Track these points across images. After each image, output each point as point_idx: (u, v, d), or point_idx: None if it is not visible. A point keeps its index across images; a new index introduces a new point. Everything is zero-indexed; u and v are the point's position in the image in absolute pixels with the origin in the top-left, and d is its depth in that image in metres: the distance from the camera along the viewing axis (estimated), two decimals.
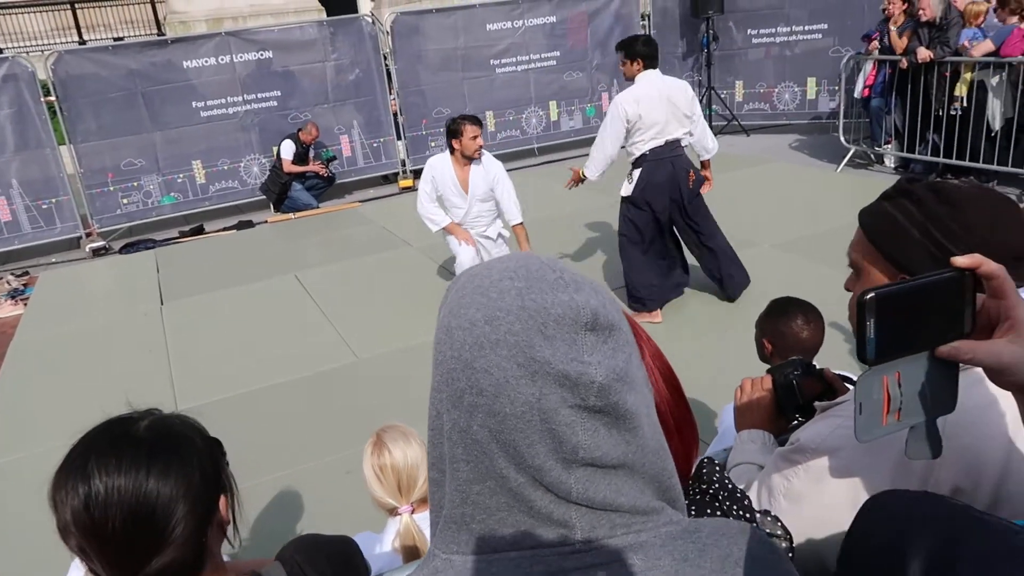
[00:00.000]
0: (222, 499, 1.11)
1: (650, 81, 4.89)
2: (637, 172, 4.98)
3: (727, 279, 5.20)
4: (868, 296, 0.77)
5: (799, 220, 6.57)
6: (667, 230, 5.20)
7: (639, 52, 4.91)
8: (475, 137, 5.24)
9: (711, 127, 10.40)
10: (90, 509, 0.99)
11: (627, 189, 5.07)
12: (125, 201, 8.81)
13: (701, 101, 10.49)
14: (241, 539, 1.27)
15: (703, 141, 5.23)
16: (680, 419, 0.86)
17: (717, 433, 2.59)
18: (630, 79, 4.99)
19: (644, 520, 0.66)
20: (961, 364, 0.83)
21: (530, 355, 0.61)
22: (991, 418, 1.05)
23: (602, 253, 6.59)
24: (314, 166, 9.14)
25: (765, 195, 7.70)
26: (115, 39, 15.34)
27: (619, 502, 0.64)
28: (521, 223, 5.52)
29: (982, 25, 7.17)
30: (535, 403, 0.61)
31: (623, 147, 5.02)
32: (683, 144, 5.03)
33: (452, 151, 5.37)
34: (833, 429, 1.14)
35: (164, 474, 1.02)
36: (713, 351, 4.48)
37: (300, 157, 9.04)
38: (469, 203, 5.46)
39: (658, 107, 4.83)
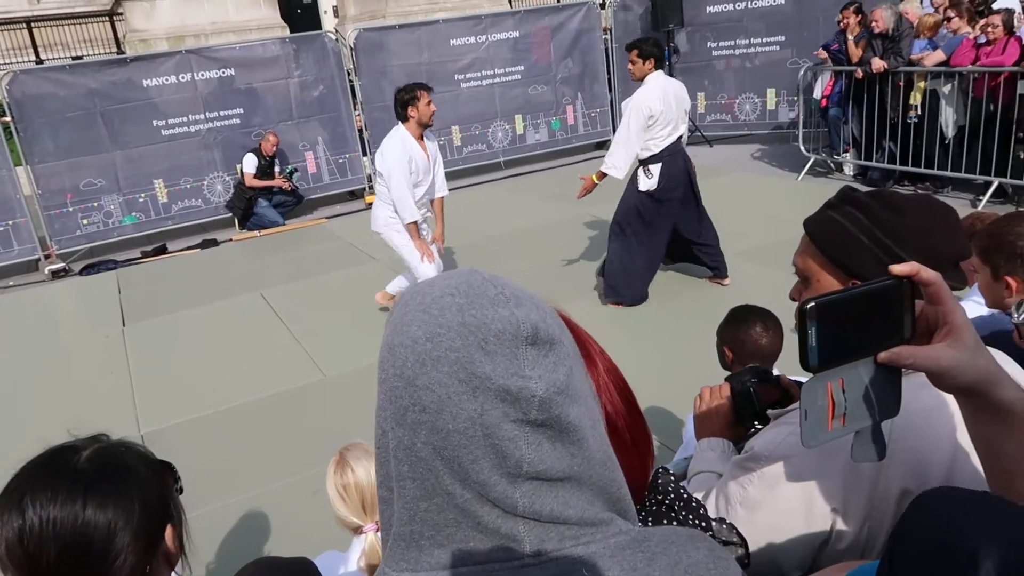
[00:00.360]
0: (168, 529, 1.08)
1: (661, 81, 5.16)
2: (657, 167, 5.23)
3: (721, 264, 5.65)
4: (809, 305, 0.79)
5: (761, 228, 6.67)
6: (676, 222, 5.48)
7: (652, 52, 5.17)
8: (430, 103, 5.17)
9: None
10: (24, 542, 0.97)
11: (649, 184, 5.27)
12: (85, 222, 8.65)
13: None
14: (191, 569, 1.25)
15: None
16: (635, 432, 0.86)
17: (683, 442, 2.61)
18: (640, 79, 5.23)
19: (593, 531, 0.66)
20: (904, 369, 0.85)
21: (471, 371, 0.62)
22: (937, 421, 1.07)
23: (570, 263, 6.62)
24: (277, 180, 9.07)
25: (728, 204, 7.79)
26: (73, 58, 15.12)
27: (567, 515, 0.65)
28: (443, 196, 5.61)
29: (934, 37, 7.37)
30: (477, 419, 0.61)
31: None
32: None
33: (406, 121, 5.15)
34: (785, 436, 1.15)
35: (102, 505, 0.99)
36: (684, 359, 4.51)
37: (263, 171, 8.98)
38: (432, 177, 5.37)
39: (672, 105, 5.11)
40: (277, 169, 9.16)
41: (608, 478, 0.68)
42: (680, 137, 5.29)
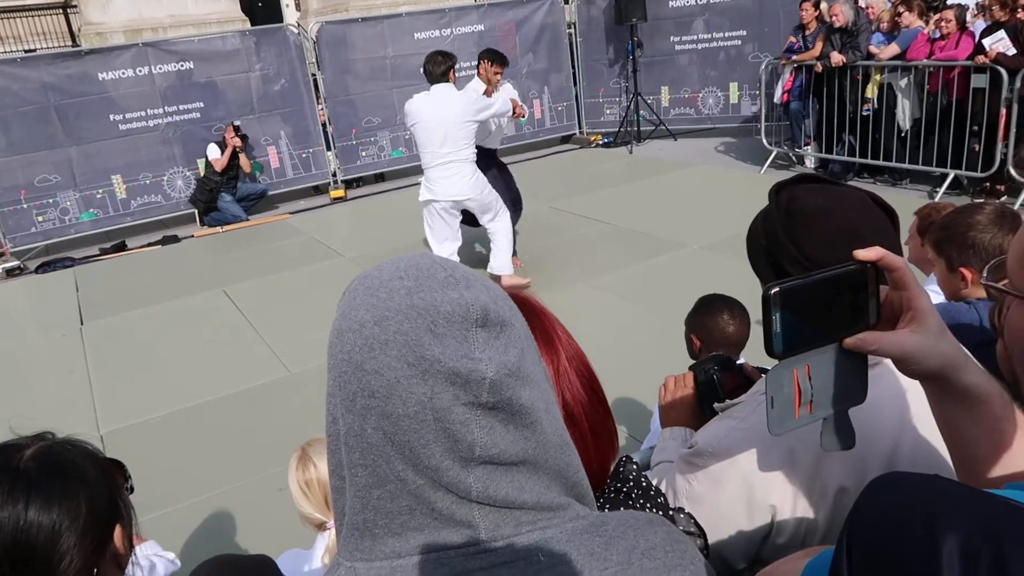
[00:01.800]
0: (118, 529, 1.05)
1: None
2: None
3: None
4: (773, 291, 0.78)
5: (726, 221, 6.73)
6: None
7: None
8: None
9: (639, 132, 10.62)
10: None
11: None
12: (40, 219, 8.43)
13: (628, 107, 10.71)
14: (143, 570, 1.22)
15: None
16: (596, 423, 0.86)
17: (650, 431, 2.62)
18: (490, 82, 6.06)
19: (550, 516, 0.66)
20: (870, 355, 0.86)
21: (420, 354, 0.61)
22: (877, 417, 1.08)
23: (538, 254, 6.62)
24: (231, 142, 8.75)
25: (693, 197, 7.88)
26: (26, 51, 14.71)
27: (522, 499, 0.64)
28: None
29: (892, 31, 7.49)
30: (427, 402, 0.60)
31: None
32: None
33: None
34: (728, 431, 1.17)
35: (46, 506, 0.96)
36: (654, 349, 4.54)
37: (225, 161, 8.83)
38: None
39: None
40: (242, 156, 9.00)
41: (564, 462, 0.68)
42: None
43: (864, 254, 0.82)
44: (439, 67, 5.44)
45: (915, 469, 1.05)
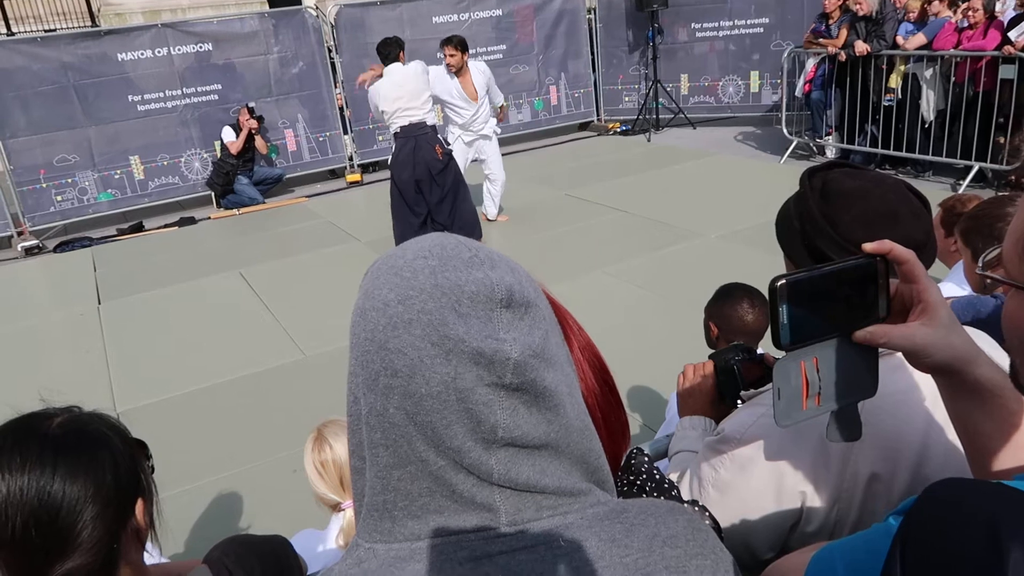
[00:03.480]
0: (139, 503, 1.06)
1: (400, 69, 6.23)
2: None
3: None
4: (779, 282, 0.77)
5: (744, 211, 6.68)
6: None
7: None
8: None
9: (658, 120, 10.54)
10: None
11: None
12: (59, 198, 8.50)
13: (647, 94, 10.63)
14: (161, 547, 1.22)
15: None
16: (608, 413, 0.85)
17: (665, 420, 2.61)
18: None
19: (571, 501, 0.65)
20: (881, 349, 0.84)
21: (444, 333, 0.60)
22: (909, 404, 1.07)
23: (552, 242, 6.60)
24: (247, 124, 8.74)
25: (711, 187, 7.82)
26: (46, 31, 14.78)
27: (544, 483, 0.63)
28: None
29: (920, 20, 7.36)
30: (451, 382, 0.59)
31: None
32: None
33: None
34: (756, 418, 1.15)
35: (72, 475, 0.96)
36: (669, 339, 4.52)
37: (240, 144, 8.85)
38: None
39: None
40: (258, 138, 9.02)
41: (586, 447, 0.67)
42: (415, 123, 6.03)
43: (873, 246, 0.81)
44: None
45: (946, 456, 1.04)
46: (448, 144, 6.49)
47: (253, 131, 8.87)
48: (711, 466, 1.18)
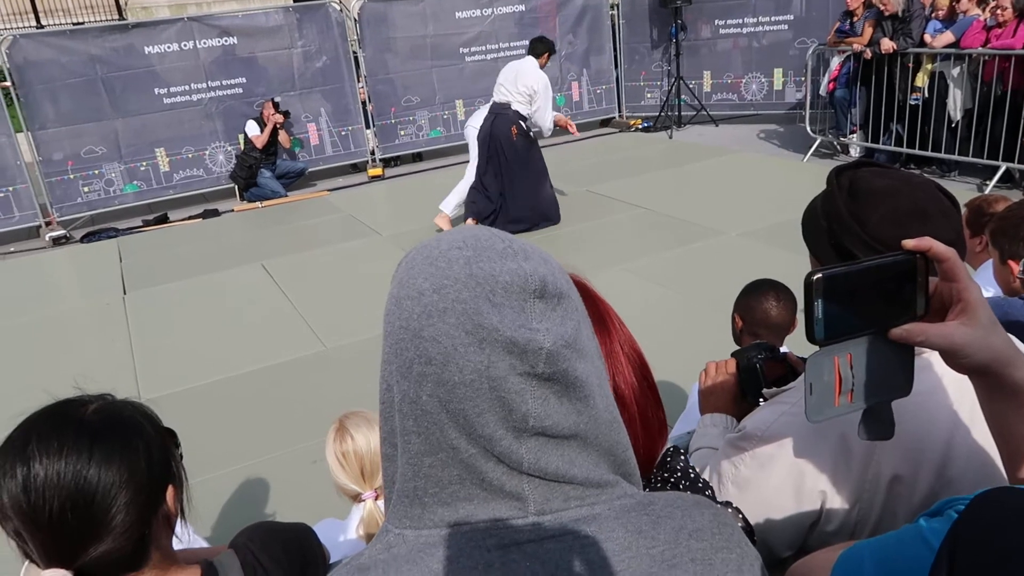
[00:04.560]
0: (170, 489, 1.08)
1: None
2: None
3: (524, 218, 6.89)
4: (816, 276, 0.77)
5: (767, 208, 6.64)
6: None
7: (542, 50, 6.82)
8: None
9: (680, 116, 10.48)
10: (28, 492, 0.96)
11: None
12: (86, 189, 8.62)
13: (670, 91, 10.57)
14: (190, 532, 1.24)
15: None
16: (645, 408, 0.85)
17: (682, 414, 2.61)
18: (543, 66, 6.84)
19: (598, 493, 0.66)
20: (917, 347, 0.84)
21: (478, 322, 0.61)
22: (933, 405, 1.06)
23: (577, 236, 6.60)
24: (272, 118, 8.82)
25: (733, 184, 7.77)
26: (74, 24, 14.95)
27: (572, 474, 0.64)
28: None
29: (949, 18, 7.26)
30: (484, 371, 0.60)
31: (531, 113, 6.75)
32: None
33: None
34: (778, 416, 1.15)
35: (107, 460, 0.99)
36: (693, 334, 4.50)
37: (264, 138, 8.93)
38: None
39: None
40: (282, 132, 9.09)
41: (614, 440, 0.68)
42: (501, 103, 6.69)
43: (913, 243, 0.80)
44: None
45: (970, 458, 1.03)
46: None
47: (278, 125, 8.93)
48: (731, 463, 1.19)
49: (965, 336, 0.79)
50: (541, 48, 6.78)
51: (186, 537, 1.31)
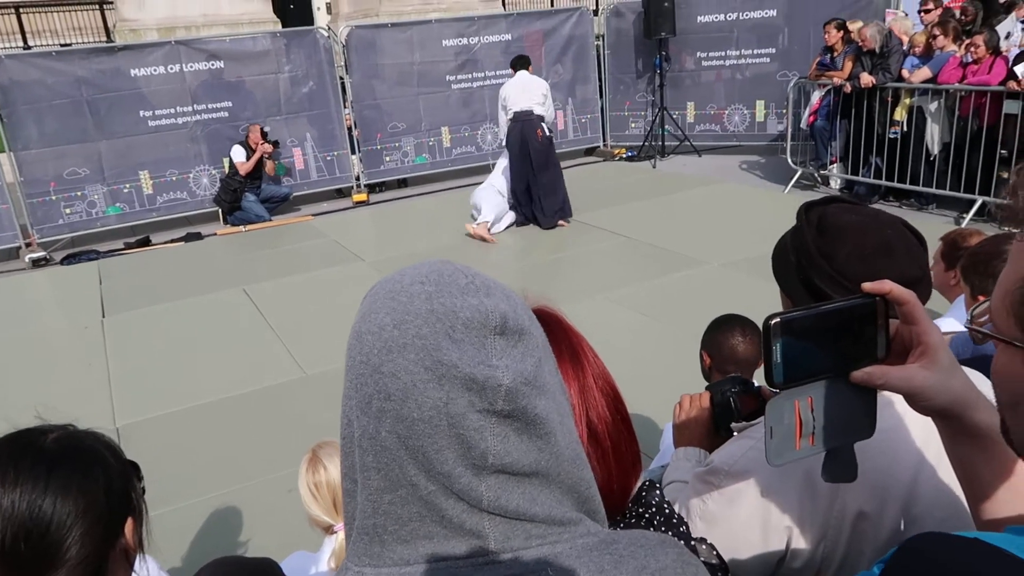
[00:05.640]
0: (129, 523, 1.06)
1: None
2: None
3: (547, 214, 7.77)
4: (774, 320, 0.77)
5: (748, 239, 6.68)
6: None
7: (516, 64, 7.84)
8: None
9: (663, 146, 10.59)
10: None
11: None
12: (68, 211, 8.56)
13: (654, 121, 10.70)
14: (149, 569, 1.22)
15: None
16: (619, 442, 0.85)
17: (660, 450, 2.60)
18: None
19: (561, 531, 0.65)
20: (878, 389, 0.84)
21: (437, 358, 0.61)
22: (898, 442, 1.06)
23: (559, 264, 6.62)
24: (261, 148, 8.83)
25: (715, 214, 7.84)
26: (62, 45, 14.96)
27: (534, 511, 0.64)
28: None
29: (925, 55, 7.41)
30: (442, 407, 0.60)
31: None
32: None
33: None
34: (745, 451, 1.15)
35: (63, 491, 0.97)
36: (668, 367, 4.51)
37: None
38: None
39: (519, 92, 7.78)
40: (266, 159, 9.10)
41: (577, 476, 0.67)
42: (524, 111, 7.51)
43: (872, 286, 0.81)
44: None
45: (936, 497, 1.03)
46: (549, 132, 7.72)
47: (266, 156, 8.94)
48: (700, 498, 1.18)
49: (926, 379, 0.80)
50: (525, 62, 7.84)
51: (145, 572, 1.28)
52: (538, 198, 7.68)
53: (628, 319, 5.35)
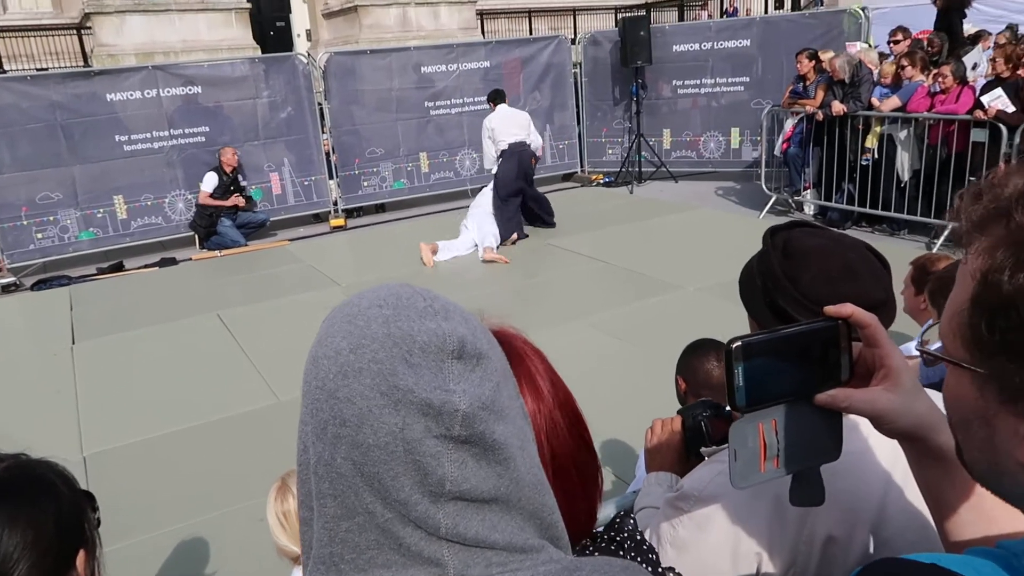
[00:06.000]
0: (81, 555, 1.03)
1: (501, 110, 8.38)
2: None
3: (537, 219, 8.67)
4: (735, 344, 0.77)
5: (723, 264, 6.71)
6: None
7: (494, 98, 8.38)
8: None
9: (640, 172, 10.69)
10: None
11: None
12: (39, 236, 8.44)
13: (631, 147, 10.81)
14: None
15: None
16: (583, 468, 0.84)
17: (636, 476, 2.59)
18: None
19: (522, 558, 0.64)
20: (843, 412, 0.84)
21: (393, 383, 0.60)
22: (866, 465, 1.06)
23: (533, 289, 6.62)
24: (233, 199, 8.88)
25: (691, 240, 7.91)
26: (38, 69, 14.86)
27: (493, 539, 0.62)
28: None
29: (894, 85, 7.58)
30: (399, 433, 0.59)
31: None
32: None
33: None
34: (714, 476, 1.14)
35: (11, 521, 0.94)
36: (645, 391, 4.50)
37: (224, 187, 8.87)
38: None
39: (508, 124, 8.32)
40: (243, 183, 9.05)
41: (539, 502, 0.66)
42: (518, 142, 8.13)
43: (834, 310, 0.81)
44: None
45: (904, 521, 1.03)
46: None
47: (238, 206, 8.95)
48: (670, 524, 1.17)
49: (889, 402, 0.80)
50: (503, 95, 8.41)
51: None
52: (535, 208, 8.55)
53: (605, 344, 5.35)
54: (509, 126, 8.13)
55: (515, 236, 8.10)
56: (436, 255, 7.64)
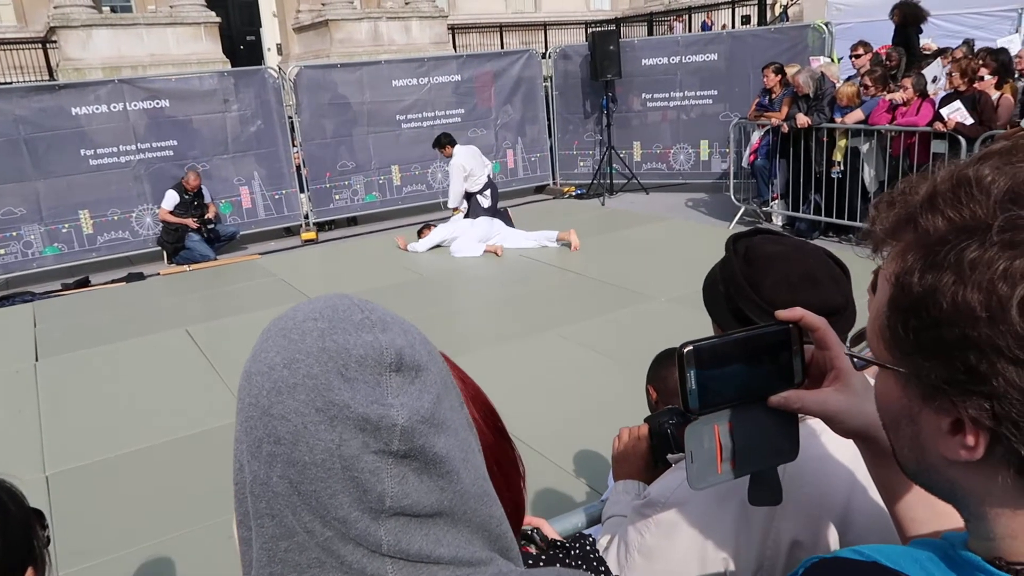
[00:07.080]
0: (30, 572, 1.01)
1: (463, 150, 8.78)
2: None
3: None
4: (686, 349, 0.79)
5: (694, 275, 6.74)
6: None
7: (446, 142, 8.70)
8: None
9: (611, 184, 10.77)
10: None
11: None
12: (2, 252, 8.29)
13: (602, 160, 10.90)
14: None
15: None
16: (502, 458, 0.83)
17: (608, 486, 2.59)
18: (449, 156, 8.64)
19: (470, 571, 0.63)
20: (799, 414, 0.85)
21: (328, 399, 0.58)
22: (830, 469, 1.07)
23: (505, 302, 6.62)
24: (187, 221, 8.77)
25: (662, 250, 7.98)
26: (1, 83, 14.62)
27: (439, 553, 0.61)
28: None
29: (853, 105, 7.72)
30: (335, 450, 0.58)
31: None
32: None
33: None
34: (680, 482, 1.15)
35: None
36: (622, 402, 4.51)
37: (186, 205, 8.77)
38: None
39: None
40: (207, 201, 8.96)
41: (486, 514, 0.65)
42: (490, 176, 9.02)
43: (785, 314, 0.83)
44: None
45: (869, 522, 1.04)
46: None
47: (191, 227, 8.85)
48: (637, 531, 1.18)
49: (839, 403, 0.82)
50: (451, 136, 8.83)
51: None
52: (507, 224, 8.91)
53: (578, 355, 5.36)
54: (477, 163, 8.65)
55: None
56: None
